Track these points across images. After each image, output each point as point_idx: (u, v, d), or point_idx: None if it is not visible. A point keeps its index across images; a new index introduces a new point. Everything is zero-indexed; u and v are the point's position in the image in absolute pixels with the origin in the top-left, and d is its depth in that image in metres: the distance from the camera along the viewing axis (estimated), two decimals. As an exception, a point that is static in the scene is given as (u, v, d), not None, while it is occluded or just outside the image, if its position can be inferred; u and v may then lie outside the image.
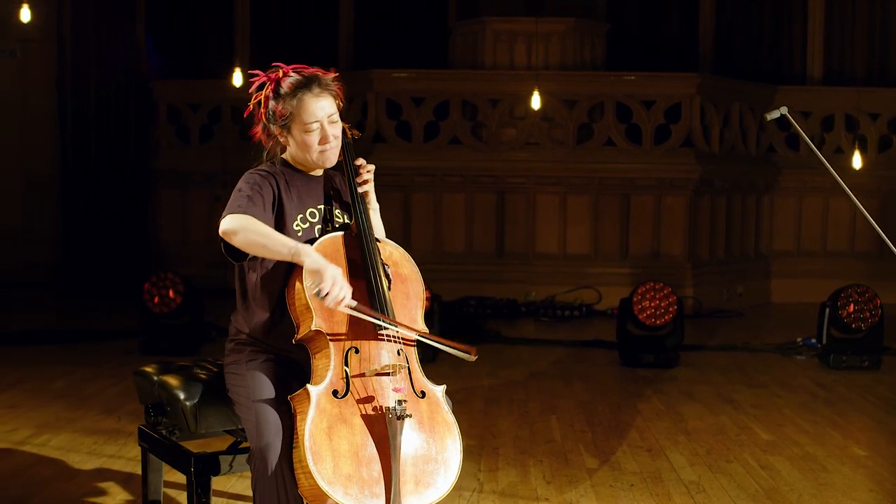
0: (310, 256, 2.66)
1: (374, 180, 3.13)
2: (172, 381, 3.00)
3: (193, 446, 3.02)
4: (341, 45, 10.20)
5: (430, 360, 6.41)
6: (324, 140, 2.89)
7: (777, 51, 10.05)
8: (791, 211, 9.63)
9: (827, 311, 6.42)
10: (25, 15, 7.24)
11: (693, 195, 8.80)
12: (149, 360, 3.62)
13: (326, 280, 2.61)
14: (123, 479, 3.87)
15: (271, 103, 2.90)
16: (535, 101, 8.21)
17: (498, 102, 8.88)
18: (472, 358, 2.84)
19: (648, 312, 6.43)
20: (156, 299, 6.52)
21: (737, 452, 4.44)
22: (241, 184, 2.87)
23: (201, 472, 2.87)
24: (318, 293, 2.61)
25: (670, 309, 6.42)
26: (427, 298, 6.51)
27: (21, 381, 5.62)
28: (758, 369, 6.38)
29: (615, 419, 5.03)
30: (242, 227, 2.70)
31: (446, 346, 2.83)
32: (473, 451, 4.41)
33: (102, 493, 3.73)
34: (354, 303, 2.68)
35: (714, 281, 8.95)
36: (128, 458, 4.14)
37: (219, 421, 2.93)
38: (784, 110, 2.88)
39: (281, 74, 2.90)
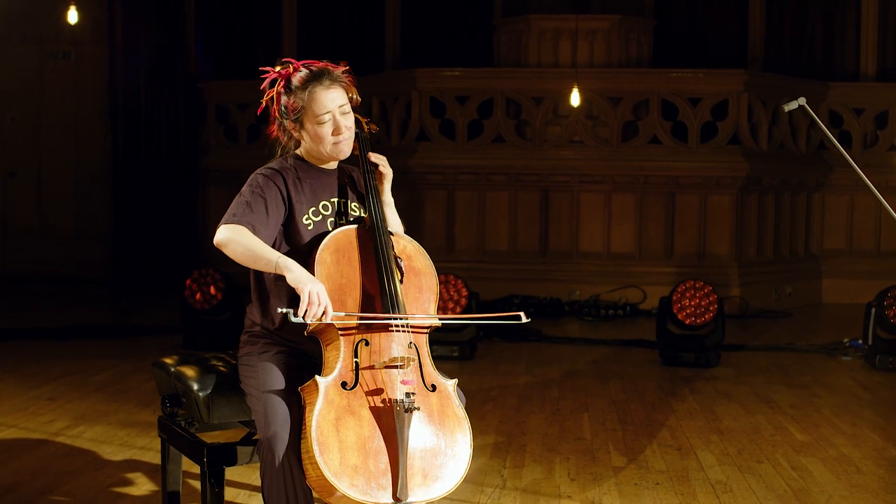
0: (292, 272, 2.69)
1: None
2: (188, 372, 3.03)
3: (211, 437, 3.06)
4: (388, 45, 10.24)
5: (469, 358, 6.44)
6: (336, 131, 2.92)
7: (829, 46, 9.85)
8: (843, 209, 9.42)
9: (873, 311, 6.28)
10: (73, 17, 7.39)
11: (740, 193, 8.67)
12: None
13: (303, 300, 2.63)
14: (150, 470, 3.93)
15: (283, 98, 2.93)
16: (575, 98, 8.15)
17: (542, 100, 8.83)
18: (526, 319, 2.85)
19: (688, 311, 6.34)
20: (197, 296, 6.61)
21: (769, 452, 4.37)
22: (244, 187, 2.91)
23: (214, 462, 2.90)
24: (287, 315, 2.63)
25: (711, 308, 6.33)
26: (465, 297, 6.58)
27: (64, 375, 5.74)
28: (800, 370, 6.26)
29: (648, 418, 4.98)
30: (231, 240, 2.76)
31: (489, 319, 2.83)
32: (501, 447, 4.40)
33: (129, 483, 3.79)
34: (342, 314, 2.71)
35: (762, 281, 8.80)
36: (157, 450, 4.17)
37: (231, 412, 2.95)
38: (802, 101, 2.82)
39: (291, 70, 2.93)
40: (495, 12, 9.89)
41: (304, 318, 2.64)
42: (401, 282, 2.88)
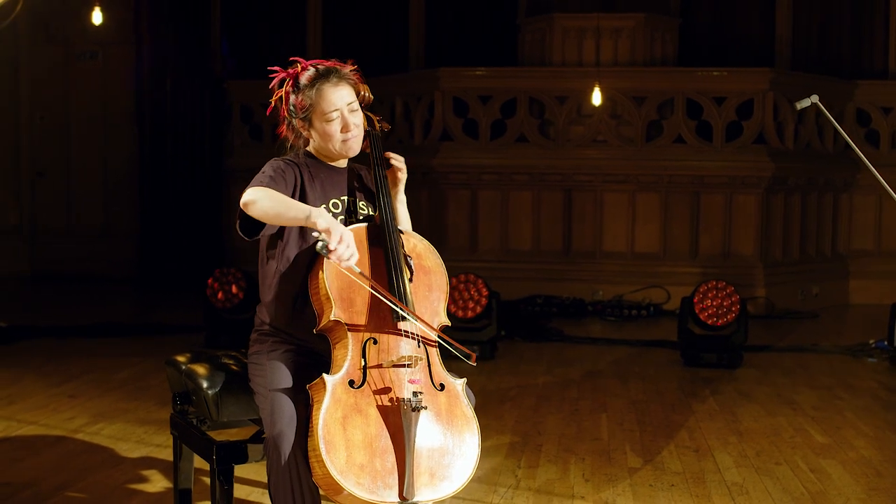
0: (323, 217, 2.65)
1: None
2: (198, 369, 3.04)
3: (224, 435, 3.06)
4: (412, 44, 10.25)
5: (489, 358, 6.42)
6: (345, 128, 2.92)
7: (857, 44, 9.73)
8: (871, 209, 9.30)
9: (898, 311, 6.20)
10: (97, 17, 7.47)
11: (766, 193, 8.59)
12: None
13: (334, 236, 2.60)
14: (166, 468, 3.94)
15: (292, 97, 2.94)
16: (596, 97, 8.11)
17: (565, 100, 8.80)
18: (472, 363, 2.79)
19: (710, 312, 6.29)
20: (219, 294, 6.64)
21: (788, 454, 4.32)
22: (265, 168, 2.91)
23: (223, 459, 2.91)
24: (322, 247, 2.59)
25: (733, 308, 6.27)
26: (485, 297, 6.56)
27: (86, 372, 5.80)
28: (824, 371, 6.19)
29: (666, 419, 4.94)
30: (260, 197, 2.72)
31: (449, 344, 2.79)
32: (517, 447, 4.38)
33: (144, 480, 3.82)
34: (357, 269, 2.67)
35: (788, 281, 8.71)
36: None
37: (240, 410, 2.96)
38: (815, 98, 2.78)
39: (299, 69, 2.94)
40: (520, 11, 9.87)
41: (329, 254, 2.59)
42: (410, 280, 2.88)
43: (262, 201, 2.71)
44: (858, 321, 8.29)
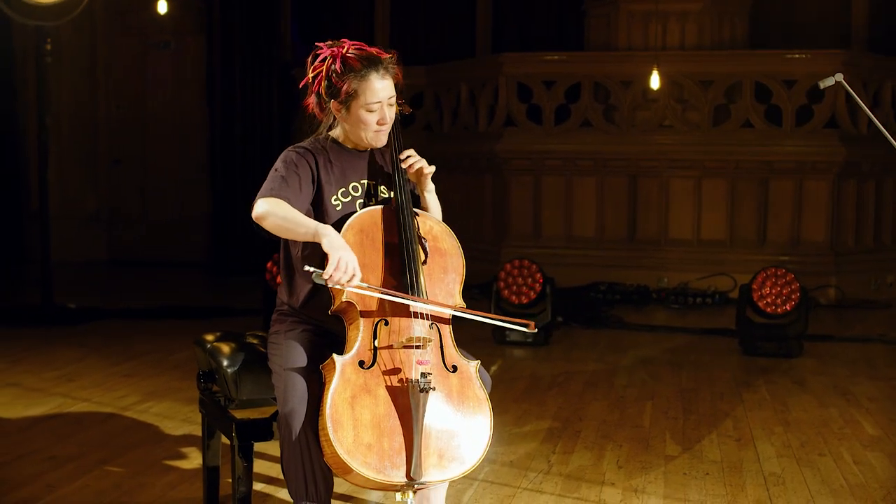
0: (328, 237, 2.70)
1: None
2: (222, 348, 3.11)
3: (248, 414, 3.11)
4: (478, 30, 10.22)
5: (543, 344, 6.39)
6: (381, 121, 2.94)
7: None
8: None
9: (968, 301, 5.97)
10: (162, 7, 7.64)
11: (837, 179, 8.34)
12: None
13: (332, 261, 2.64)
14: (204, 446, 4.03)
15: (335, 77, 2.92)
16: (654, 81, 7.98)
17: (630, 84, 8.68)
18: (532, 329, 2.86)
19: (769, 300, 6.15)
20: (278, 279, 6.73)
21: (833, 446, 4.21)
22: (277, 163, 2.94)
23: (243, 436, 2.97)
24: (317, 276, 2.64)
25: (792, 296, 6.12)
26: (539, 282, 6.52)
27: (145, 353, 5.96)
28: (888, 362, 6.00)
29: (713, 407, 4.86)
30: (270, 213, 2.78)
31: (486, 318, 2.82)
32: (555, 433, 4.36)
33: (182, 456, 3.92)
34: (364, 284, 2.70)
35: (860, 270, 8.45)
36: (215, 426, 4.32)
37: (258, 389, 3.01)
38: (839, 77, 2.69)
39: (345, 50, 2.93)
40: (587, -5, 9.76)
41: (326, 281, 2.65)
42: (424, 262, 2.89)
43: (273, 218, 2.78)
44: (934, 312, 8.02)
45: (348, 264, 2.66)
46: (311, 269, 2.66)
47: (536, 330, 2.85)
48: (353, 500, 3.47)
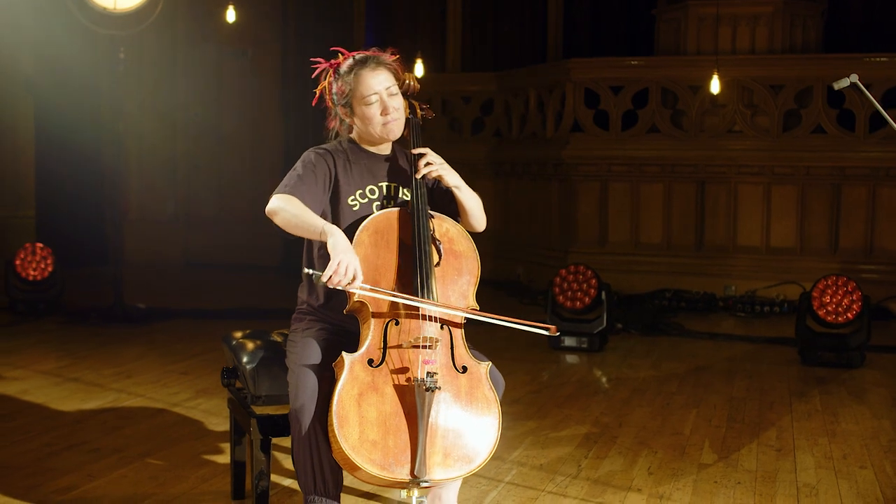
0: (333, 237, 2.76)
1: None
2: (245, 345, 3.20)
3: (268, 409, 3.18)
4: (549, 36, 10.19)
5: (597, 350, 6.36)
6: (384, 112, 3.01)
7: None
8: None
9: None
10: (231, 16, 7.86)
11: (913, 186, 8.10)
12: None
13: (332, 262, 2.71)
14: (243, 442, 4.14)
15: (334, 86, 3.05)
16: (714, 86, 7.86)
17: (698, 89, 8.57)
18: (553, 333, 2.86)
19: (829, 308, 6.01)
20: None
21: (877, 459, 4.09)
22: (297, 163, 3.04)
23: (261, 431, 3.05)
24: (317, 278, 2.70)
25: (853, 306, 5.97)
26: (594, 287, 6.49)
27: (204, 352, 6.13)
28: (954, 375, 5.80)
29: (759, 416, 4.77)
30: (282, 209, 2.87)
31: (498, 320, 2.86)
32: (591, 438, 4.35)
33: (219, 452, 4.02)
34: (367, 286, 2.76)
35: (938, 279, 8.18)
36: (257, 423, 4.42)
37: (275, 385, 3.09)
38: (854, 78, 2.65)
39: (341, 59, 3.06)
40: (658, 1, 9.68)
41: (326, 283, 2.71)
42: (437, 264, 2.93)
43: (283, 213, 2.86)
44: None
45: (348, 267, 2.72)
46: (311, 271, 2.74)
47: (558, 333, 2.85)
48: (375, 499, 3.52)
